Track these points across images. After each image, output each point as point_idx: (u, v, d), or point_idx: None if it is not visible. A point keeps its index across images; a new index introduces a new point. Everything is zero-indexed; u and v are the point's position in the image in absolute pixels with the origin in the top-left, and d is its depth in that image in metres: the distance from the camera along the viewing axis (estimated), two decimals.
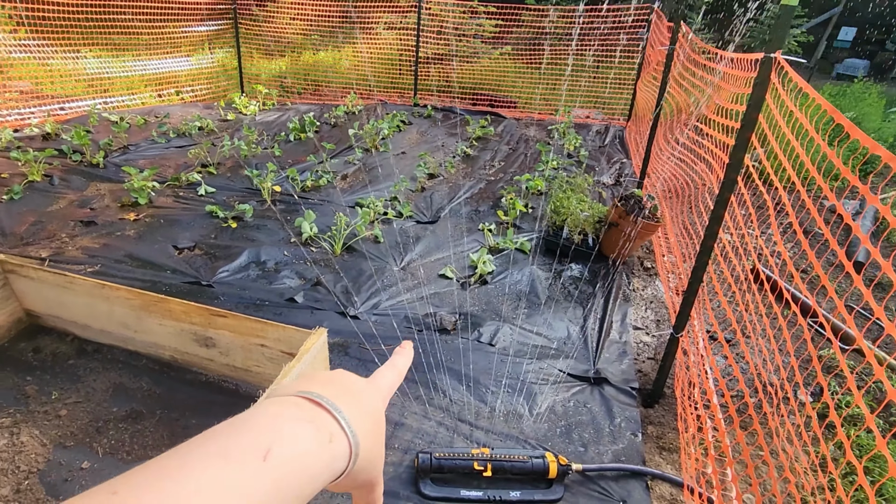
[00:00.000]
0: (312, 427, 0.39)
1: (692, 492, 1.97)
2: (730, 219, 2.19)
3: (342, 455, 0.40)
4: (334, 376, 0.49)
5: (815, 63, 11.79)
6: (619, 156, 5.93)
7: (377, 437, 0.47)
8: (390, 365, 0.59)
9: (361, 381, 0.51)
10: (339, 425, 0.41)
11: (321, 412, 0.41)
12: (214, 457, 0.34)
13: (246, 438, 0.36)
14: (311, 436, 0.38)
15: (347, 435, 0.41)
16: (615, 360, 2.76)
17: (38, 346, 2.51)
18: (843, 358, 1.28)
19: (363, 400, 0.47)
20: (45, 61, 6.32)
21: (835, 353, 1.26)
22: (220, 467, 0.33)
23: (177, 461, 0.33)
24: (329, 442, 0.39)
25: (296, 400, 0.42)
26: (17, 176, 4.22)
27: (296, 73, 8.61)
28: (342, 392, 0.45)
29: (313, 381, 0.46)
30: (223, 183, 4.49)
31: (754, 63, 2.05)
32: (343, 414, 0.42)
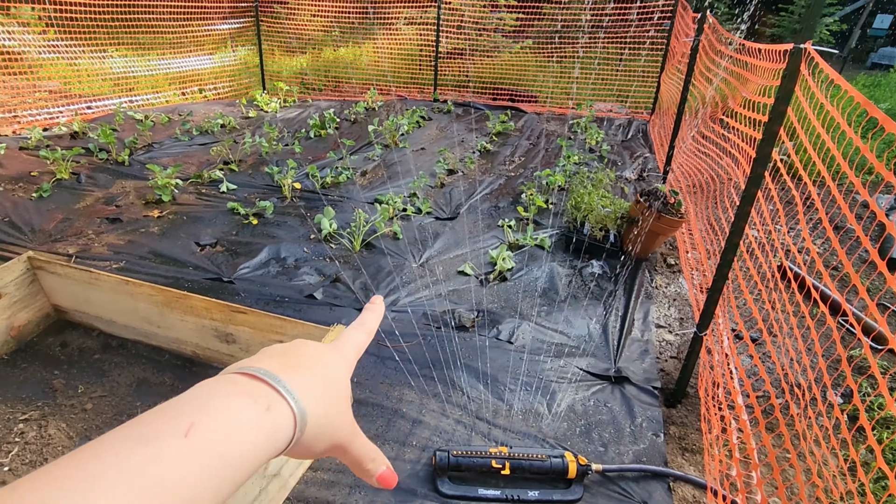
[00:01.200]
0: (247, 398, 0.38)
1: (716, 494, 1.93)
2: (756, 215, 2.12)
3: (285, 423, 0.40)
4: (285, 347, 0.49)
5: (849, 52, 11.42)
6: (642, 150, 5.83)
7: (335, 400, 0.47)
8: (358, 324, 0.59)
9: (318, 348, 0.51)
10: (279, 394, 0.40)
11: (257, 383, 0.40)
12: (131, 440, 0.32)
13: (166, 418, 0.35)
14: (244, 407, 0.37)
15: (289, 402, 0.40)
16: (637, 358, 2.71)
17: (66, 341, 2.57)
18: (875, 359, 1.23)
19: (317, 366, 0.47)
20: (73, 61, 6.46)
21: (866, 353, 1.21)
22: (136, 449, 0.32)
23: (92, 450, 0.32)
24: (266, 410, 0.38)
25: (228, 377, 0.41)
26: (46, 174, 4.32)
27: (316, 70, 8.66)
28: (288, 362, 0.45)
29: (257, 357, 0.46)
30: (244, 180, 4.54)
31: (783, 54, 1.99)
32: (283, 382, 0.41)
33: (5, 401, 2.21)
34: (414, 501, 1.91)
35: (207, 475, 0.34)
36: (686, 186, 3.99)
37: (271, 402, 0.39)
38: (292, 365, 0.45)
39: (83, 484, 0.29)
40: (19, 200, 3.88)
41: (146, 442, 0.32)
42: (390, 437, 2.16)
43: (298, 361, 0.46)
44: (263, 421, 0.38)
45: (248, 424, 0.37)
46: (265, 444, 0.38)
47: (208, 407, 0.36)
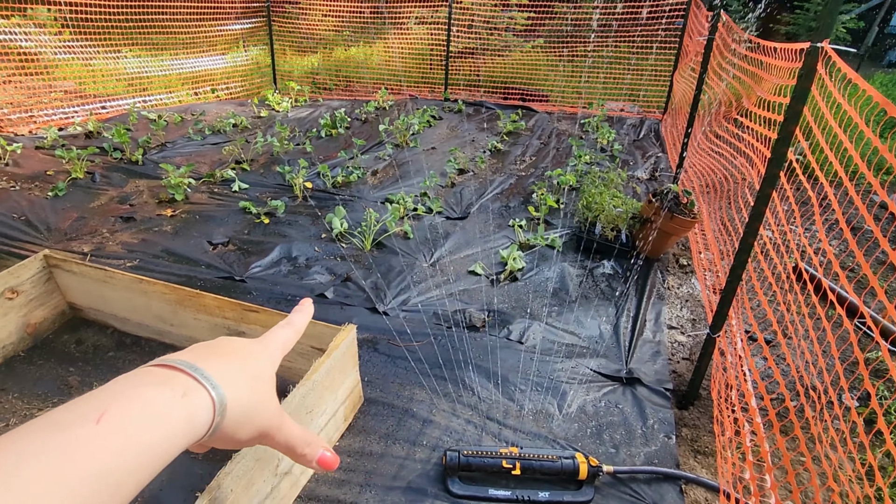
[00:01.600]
0: (162, 387, 0.39)
1: (728, 498, 1.91)
2: (771, 215, 2.10)
3: (203, 409, 0.40)
4: (210, 343, 0.51)
5: (866, 50, 11.25)
6: (654, 150, 5.79)
7: (259, 390, 0.48)
8: (286, 323, 0.61)
9: (244, 343, 0.53)
10: (196, 381, 0.41)
11: (174, 373, 0.41)
12: (47, 428, 0.33)
13: (80, 407, 0.36)
14: (159, 394, 0.38)
15: (207, 388, 0.41)
16: (648, 359, 2.70)
17: (81, 339, 2.60)
18: (894, 362, 1.21)
19: (241, 358, 0.49)
20: (87, 62, 6.54)
21: (884, 356, 1.19)
22: (52, 436, 0.33)
23: (11, 437, 0.32)
24: (183, 397, 0.39)
25: (146, 369, 0.42)
26: (61, 173, 4.38)
27: (327, 70, 8.70)
28: (209, 354, 0.47)
29: (181, 352, 0.47)
30: (256, 179, 4.57)
31: (799, 53, 1.96)
32: (201, 370, 0.42)
33: (22, 397, 2.24)
34: (424, 501, 1.91)
35: (121, 459, 0.34)
36: (699, 186, 3.95)
37: (188, 389, 0.40)
38: (214, 356, 0.47)
39: (1, 470, 0.30)
40: (35, 199, 3.94)
41: (61, 429, 0.34)
42: (401, 437, 2.16)
43: (221, 353, 0.48)
44: (179, 407, 0.38)
45: (163, 410, 0.37)
46: (182, 430, 0.38)
47: (121, 396, 0.37)
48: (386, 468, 2.03)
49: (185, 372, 0.41)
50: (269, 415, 0.49)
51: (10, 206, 3.78)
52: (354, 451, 2.09)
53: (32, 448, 0.32)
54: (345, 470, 2.01)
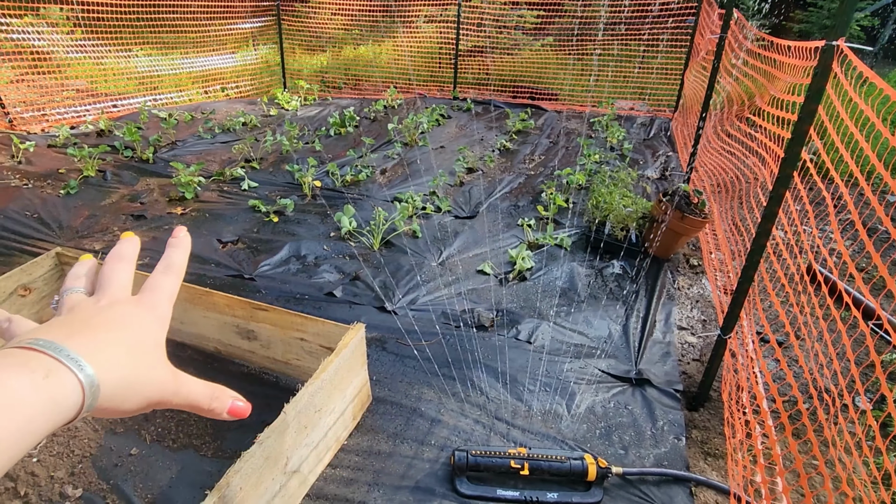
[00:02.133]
0: (20, 369, 0.37)
1: (739, 501, 1.89)
2: (784, 216, 2.08)
3: (70, 391, 0.38)
4: (80, 314, 0.48)
5: (880, 48, 11.10)
6: (664, 149, 5.75)
7: (143, 359, 0.46)
8: (164, 267, 0.56)
9: (121, 308, 0.49)
10: (59, 362, 0.39)
11: (34, 354, 0.39)
12: None
13: None
14: (16, 377, 0.36)
15: (72, 370, 0.39)
16: (658, 360, 2.68)
17: None
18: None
19: (117, 328, 0.46)
20: (99, 60, 6.59)
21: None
22: None
23: None
24: (44, 378, 0.37)
25: (5, 350, 0.39)
26: (73, 171, 4.42)
27: (336, 68, 8.71)
28: (77, 329, 0.44)
29: (44, 326, 0.44)
30: (265, 178, 4.58)
31: (813, 51, 1.94)
32: (65, 350, 0.40)
33: None
34: (432, 501, 1.91)
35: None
36: (710, 186, 3.92)
37: (50, 370, 0.38)
38: (83, 331, 0.44)
39: None
40: (48, 197, 3.97)
41: None
42: (409, 436, 2.16)
43: (92, 326, 0.45)
44: (40, 390, 0.37)
45: (20, 396, 0.36)
46: (43, 415, 0.37)
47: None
48: (394, 467, 2.03)
49: (47, 353, 0.39)
50: (159, 383, 0.47)
51: (23, 203, 3.82)
52: (363, 450, 2.09)
53: None
54: (353, 469, 2.01)
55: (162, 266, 0.56)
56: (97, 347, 0.42)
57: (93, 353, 0.41)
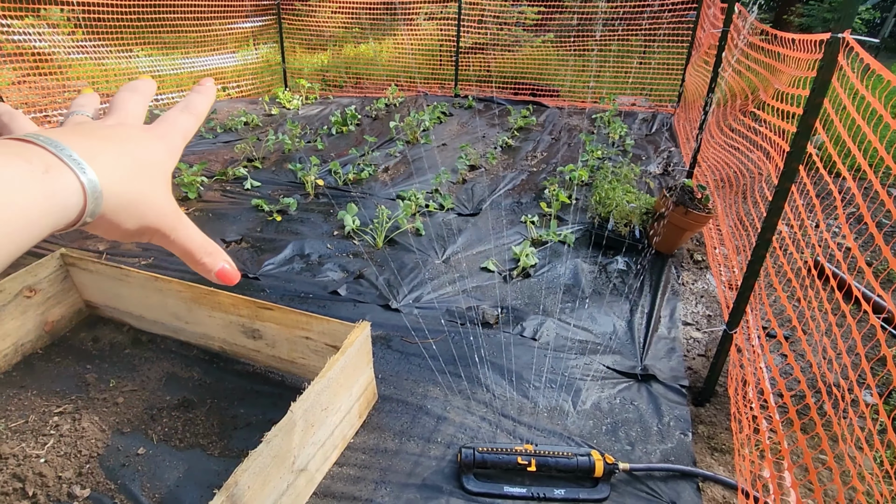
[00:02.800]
0: (17, 158, 0.34)
1: (747, 496, 1.88)
2: (790, 210, 2.07)
3: (70, 190, 0.36)
4: (84, 124, 0.46)
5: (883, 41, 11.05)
6: (667, 144, 5.73)
7: (146, 177, 0.43)
8: (183, 106, 0.53)
9: (131, 128, 0.46)
10: (60, 160, 0.36)
11: (33, 147, 0.36)
12: None
13: None
14: (13, 165, 0.34)
15: (73, 169, 0.36)
16: (663, 356, 2.67)
17: (97, 336, 2.62)
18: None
19: (124, 141, 0.43)
20: (100, 61, 6.59)
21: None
22: None
23: None
24: (44, 173, 0.35)
25: (13, 142, 0.37)
26: None
27: (337, 67, 8.69)
28: (80, 134, 0.41)
29: (43, 130, 0.41)
30: (268, 177, 4.58)
31: (818, 44, 1.93)
32: (67, 150, 0.37)
33: (41, 394, 2.27)
34: (439, 498, 1.91)
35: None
36: (713, 181, 3.91)
37: (50, 165, 0.35)
38: (87, 136, 0.41)
39: None
40: None
41: None
42: (415, 434, 2.16)
43: (98, 135, 0.43)
44: (39, 183, 0.34)
45: (18, 185, 0.33)
46: (44, 208, 0.34)
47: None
48: (401, 465, 2.03)
49: (47, 149, 0.36)
50: (161, 210, 0.45)
51: None
52: (369, 448, 2.09)
53: None
54: (360, 467, 2.01)
55: (182, 105, 0.54)
56: (99, 154, 0.40)
57: (95, 157, 0.39)
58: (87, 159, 0.38)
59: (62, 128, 0.43)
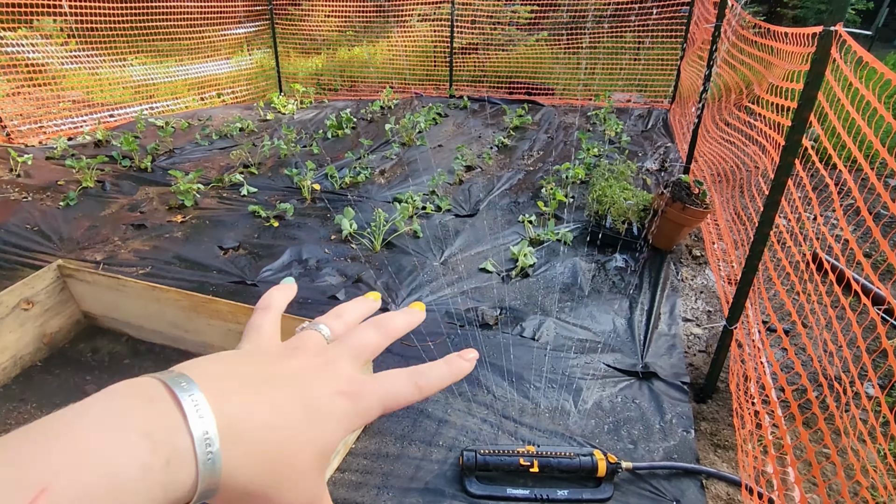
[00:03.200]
0: (144, 442, 0.26)
1: (751, 492, 1.88)
2: (787, 203, 2.06)
3: (184, 488, 0.28)
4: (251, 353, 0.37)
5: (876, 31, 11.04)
6: (663, 140, 5.73)
7: (297, 461, 0.32)
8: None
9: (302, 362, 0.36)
10: (192, 444, 0.28)
11: (171, 415, 0.28)
12: None
13: (16, 465, 0.23)
14: (133, 454, 0.26)
15: (198, 461, 0.28)
16: (664, 353, 2.67)
17: (96, 347, 2.61)
18: None
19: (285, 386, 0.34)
20: (94, 71, 6.58)
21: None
22: None
23: None
24: (165, 466, 0.27)
25: (142, 388, 0.29)
26: (72, 183, 4.41)
27: (332, 70, 8.69)
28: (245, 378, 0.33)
29: (204, 362, 0.33)
30: (264, 182, 4.58)
31: (811, 37, 1.92)
32: (207, 423, 0.28)
33: (40, 407, 2.26)
34: (442, 502, 1.90)
35: None
36: (710, 176, 3.90)
37: (174, 453, 0.27)
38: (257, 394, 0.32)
39: None
40: (47, 209, 3.97)
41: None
42: (417, 438, 2.15)
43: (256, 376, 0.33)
44: (155, 481, 0.26)
45: (130, 486, 0.25)
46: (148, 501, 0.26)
47: (80, 453, 0.25)
48: (403, 469, 2.02)
49: (186, 422, 0.28)
50: (298, 498, 0.33)
51: (23, 217, 3.81)
52: (371, 453, 2.08)
53: None
54: (362, 472, 2.00)
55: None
56: (254, 426, 0.31)
57: (240, 432, 0.30)
58: (224, 431, 0.29)
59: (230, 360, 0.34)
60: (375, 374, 0.39)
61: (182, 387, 0.29)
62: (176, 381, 0.30)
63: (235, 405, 0.31)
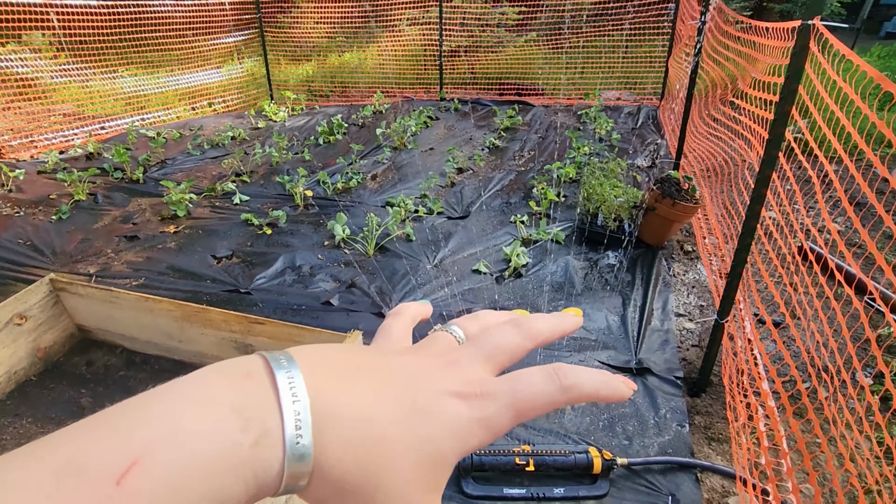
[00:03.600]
0: (234, 418, 0.25)
1: (745, 483, 1.89)
2: (772, 197, 2.08)
3: (271, 471, 0.26)
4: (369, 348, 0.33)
5: (862, 23, 11.12)
6: (653, 137, 5.76)
7: (405, 463, 0.28)
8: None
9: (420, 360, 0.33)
10: (281, 424, 0.26)
11: (264, 390, 0.27)
12: (54, 464, 0.22)
13: (112, 441, 0.23)
14: (221, 429, 0.25)
15: (286, 443, 0.26)
16: (657, 348, 2.68)
17: (91, 360, 2.61)
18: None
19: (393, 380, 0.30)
20: (85, 83, 6.58)
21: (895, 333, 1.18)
22: (48, 482, 0.21)
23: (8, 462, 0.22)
24: (252, 446, 0.25)
25: (248, 366, 0.28)
26: (64, 196, 4.41)
27: (322, 77, 8.71)
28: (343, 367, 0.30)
29: (316, 351, 0.31)
30: (257, 190, 4.58)
31: (791, 31, 1.94)
32: (301, 403, 0.27)
33: (36, 421, 2.26)
34: None
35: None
36: (700, 171, 3.93)
37: (264, 433, 0.26)
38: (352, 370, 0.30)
39: None
40: (40, 223, 3.96)
41: (66, 475, 0.22)
42: None
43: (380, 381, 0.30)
44: (240, 459, 0.25)
45: (217, 463, 0.24)
46: (233, 490, 0.25)
47: (171, 426, 0.24)
48: None
49: (279, 403, 0.26)
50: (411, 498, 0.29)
51: (16, 231, 3.81)
52: None
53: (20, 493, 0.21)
54: None
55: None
56: (352, 416, 0.28)
57: (337, 422, 0.28)
58: (319, 419, 0.27)
59: (338, 350, 0.32)
60: (507, 374, 0.34)
61: (281, 363, 0.28)
62: (276, 357, 0.28)
63: (334, 390, 0.28)
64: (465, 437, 0.30)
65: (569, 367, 0.35)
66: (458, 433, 0.30)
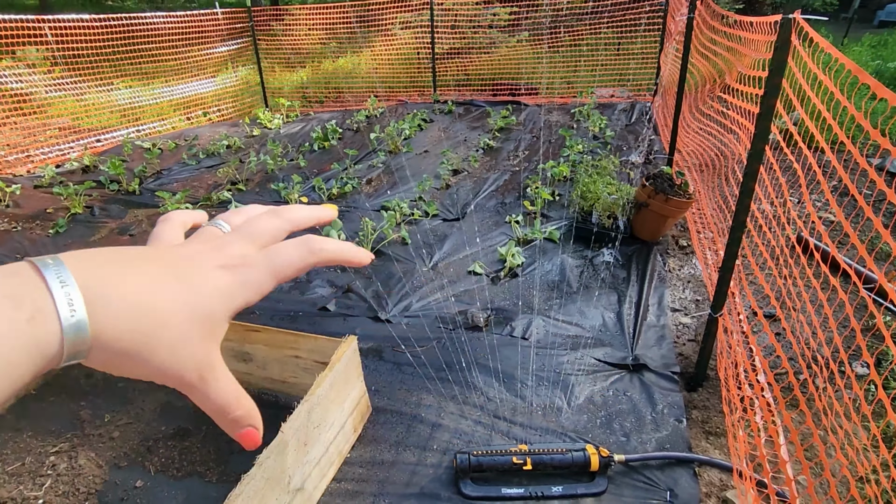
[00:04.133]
0: (7, 302, 0.30)
1: (742, 476, 1.90)
2: (760, 190, 2.09)
3: (52, 336, 0.31)
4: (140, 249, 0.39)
5: (854, 12, 11.12)
6: (647, 133, 5.77)
7: (170, 325, 0.34)
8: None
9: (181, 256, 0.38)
10: (52, 301, 0.31)
11: (33, 281, 0.31)
12: None
13: None
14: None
15: (59, 315, 0.31)
16: (654, 344, 2.69)
17: (90, 372, 2.62)
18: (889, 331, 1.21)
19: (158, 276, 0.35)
20: (80, 97, 6.61)
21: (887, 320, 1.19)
22: None
23: None
24: (28, 321, 0.30)
25: (15, 266, 0.32)
26: (61, 210, 4.43)
27: (317, 83, 8.74)
28: (111, 262, 0.35)
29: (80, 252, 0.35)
30: (252, 198, 4.60)
31: (774, 25, 1.95)
32: (68, 288, 0.31)
33: (36, 435, 2.27)
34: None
35: None
36: (693, 165, 3.94)
37: (37, 311, 0.30)
38: (117, 263, 0.35)
39: None
40: (37, 238, 3.98)
41: None
42: (411, 443, 2.17)
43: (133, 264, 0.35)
44: (22, 333, 0.30)
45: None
46: (23, 358, 0.30)
47: None
48: (398, 475, 2.04)
49: (46, 285, 0.31)
50: (181, 364, 0.36)
51: (13, 247, 3.83)
52: (366, 461, 2.10)
53: None
54: (358, 481, 2.02)
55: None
56: (114, 291, 0.33)
57: (104, 297, 0.33)
58: (90, 298, 0.32)
59: (109, 250, 0.36)
60: (267, 248, 0.40)
61: (46, 263, 0.32)
62: (42, 259, 0.33)
63: (103, 276, 0.33)
64: (231, 297, 0.37)
65: (318, 237, 0.42)
66: (224, 295, 0.37)
